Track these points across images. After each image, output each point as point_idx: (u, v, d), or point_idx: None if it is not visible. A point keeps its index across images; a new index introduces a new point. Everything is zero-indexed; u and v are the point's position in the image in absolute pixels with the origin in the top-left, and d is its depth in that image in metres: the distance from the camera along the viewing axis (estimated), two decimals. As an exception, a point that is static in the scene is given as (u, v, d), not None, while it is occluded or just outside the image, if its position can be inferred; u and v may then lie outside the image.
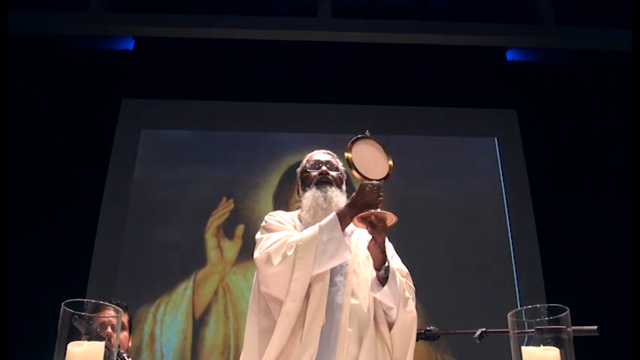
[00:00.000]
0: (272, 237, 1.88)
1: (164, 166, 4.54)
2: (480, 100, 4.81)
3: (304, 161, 2.17)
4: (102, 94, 4.72)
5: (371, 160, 1.85)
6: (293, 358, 1.75)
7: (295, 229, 1.98)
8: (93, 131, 4.57)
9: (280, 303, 1.79)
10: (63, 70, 4.79)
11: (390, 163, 1.86)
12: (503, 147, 4.67)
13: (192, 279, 4.17)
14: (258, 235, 1.97)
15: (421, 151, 4.66)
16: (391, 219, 1.80)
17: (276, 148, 4.56)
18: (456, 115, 4.75)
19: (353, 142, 1.85)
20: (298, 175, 2.17)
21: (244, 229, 4.30)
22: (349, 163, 1.82)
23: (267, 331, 1.82)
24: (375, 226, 1.80)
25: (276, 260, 1.79)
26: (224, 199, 4.43)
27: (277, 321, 1.78)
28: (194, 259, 4.23)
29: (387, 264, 1.84)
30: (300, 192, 2.12)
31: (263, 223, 2.02)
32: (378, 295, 1.84)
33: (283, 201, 4.39)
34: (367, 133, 1.90)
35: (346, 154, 1.82)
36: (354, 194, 1.85)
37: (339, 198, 2.01)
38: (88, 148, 4.51)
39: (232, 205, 4.41)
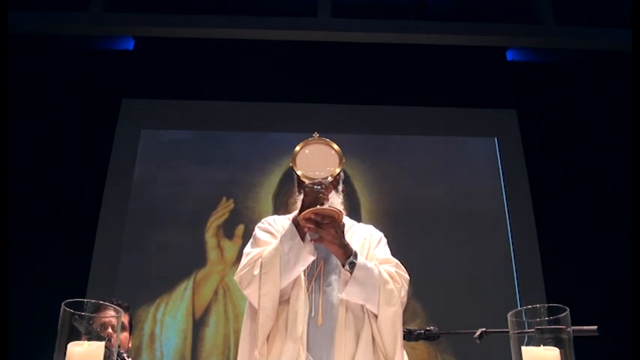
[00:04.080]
0: (249, 255, 1.93)
1: (164, 166, 4.54)
2: (480, 100, 4.80)
3: None
4: (102, 94, 4.71)
5: (319, 161, 1.89)
6: (275, 356, 1.79)
7: None
8: (93, 131, 4.57)
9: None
10: (63, 70, 4.79)
11: (337, 170, 1.88)
12: (503, 147, 4.66)
13: (192, 279, 4.17)
14: (245, 249, 2.01)
15: (421, 151, 4.66)
16: (336, 214, 1.79)
17: (276, 148, 4.56)
18: (456, 115, 4.75)
19: (300, 149, 1.91)
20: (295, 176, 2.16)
21: (244, 229, 4.30)
22: (295, 173, 1.90)
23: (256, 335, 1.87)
24: (320, 224, 1.79)
25: (246, 285, 1.88)
26: (224, 199, 4.43)
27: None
28: (194, 259, 4.23)
29: (351, 259, 1.83)
30: (297, 193, 2.11)
31: (253, 232, 2.06)
32: (342, 295, 1.84)
33: (283, 201, 4.38)
34: (315, 135, 1.95)
35: (290, 164, 1.90)
36: None
37: (333, 199, 2.01)
38: (88, 148, 4.51)
39: (232, 205, 4.41)
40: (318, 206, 1.77)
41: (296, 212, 1.93)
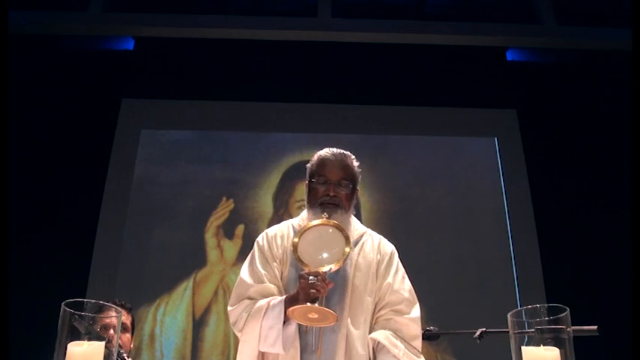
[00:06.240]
0: (242, 290, 1.88)
1: (164, 166, 4.54)
2: (480, 100, 4.80)
3: (315, 164, 2.00)
4: (102, 94, 4.72)
5: (323, 246, 1.75)
6: None
7: (283, 254, 1.94)
8: (93, 131, 4.57)
9: None
10: (63, 70, 4.79)
11: (347, 250, 1.72)
12: (503, 147, 4.67)
13: (192, 279, 4.17)
14: (242, 270, 1.94)
15: (421, 151, 4.66)
16: (331, 315, 1.63)
17: (276, 148, 4.56)
18: (456, 115, 4.75)
19: (305, 230, 1.77)
20: (307, 178, 2.02)
21: (244, 229, 4.30)
22: (295, 254, 1.74)
23: None
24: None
25: (232, 324, 1.87)
26: (224, 199, 4.43)
27: None
28: (194, 259, 4.23)
29: None
30: (306, 202, 1.99)
31: (252, 250, 1.98)
32: None
33: (283, 201, 4.39)
34: (324, 215, 1.82)
35: (292, 241, 1.77)
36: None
37: (343, 219, 1.91)
38: (88, 148, 4.51)
39: (232, 205, 4.41)
40: (309, 303, 1.62)
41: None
